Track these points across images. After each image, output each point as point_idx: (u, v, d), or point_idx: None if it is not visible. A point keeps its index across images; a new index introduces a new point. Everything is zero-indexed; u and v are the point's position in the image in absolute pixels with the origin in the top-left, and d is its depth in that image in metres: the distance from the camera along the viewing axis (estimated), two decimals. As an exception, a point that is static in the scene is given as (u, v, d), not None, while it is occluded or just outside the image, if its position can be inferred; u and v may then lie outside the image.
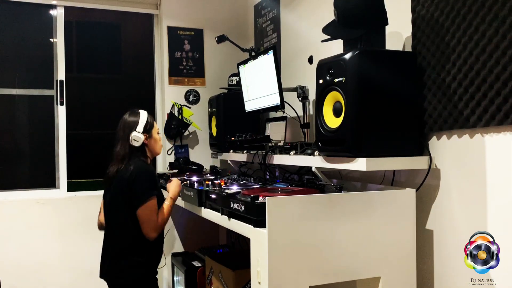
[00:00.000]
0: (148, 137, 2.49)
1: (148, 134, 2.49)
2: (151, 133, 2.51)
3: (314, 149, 2.21)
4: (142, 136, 2.44)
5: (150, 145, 2.51)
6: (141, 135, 2.44)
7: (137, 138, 2.43)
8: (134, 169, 2.36)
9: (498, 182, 1.70)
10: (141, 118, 2.48)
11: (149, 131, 2.49)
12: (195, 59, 3.85)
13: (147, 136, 2.48)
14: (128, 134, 2.44)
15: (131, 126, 2.45)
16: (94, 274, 2.62)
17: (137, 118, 2.47)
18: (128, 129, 2.45)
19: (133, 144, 2.43)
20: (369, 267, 1.85)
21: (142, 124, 2.46)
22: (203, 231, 3.66)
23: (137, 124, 2.45)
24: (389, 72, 1.89)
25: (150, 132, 2.50)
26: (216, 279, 2.66)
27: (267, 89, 2.69)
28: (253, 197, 1.81)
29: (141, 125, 2.45)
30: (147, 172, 2.40)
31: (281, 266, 1.69)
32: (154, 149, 2.55)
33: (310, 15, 2.95)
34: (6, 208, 3.40)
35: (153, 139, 2.53)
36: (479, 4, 1.72)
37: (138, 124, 2.45)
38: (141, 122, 2.46)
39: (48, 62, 3.67)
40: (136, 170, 2.36)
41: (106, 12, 3.87)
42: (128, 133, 2.44)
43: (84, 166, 4.80)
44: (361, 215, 1.84)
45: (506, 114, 1.63)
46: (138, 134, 2.44)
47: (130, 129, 2.45)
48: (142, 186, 2.34)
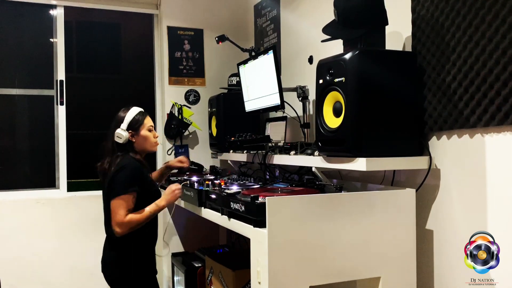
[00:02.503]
0: (134, 134, 2.45)
1: (135, 131, 2.45)
2: (138, 131, 2.46)
3: (314, 149, 2.21)
4: (125, 134, 2.41)
5: (137, 142, 2.47)
6: (125, 132, 2.41)
7: (119, 135, 2.41)
8: (119, 164, 2.35)
9: (498, 182, 1.70)
10: (128, 115, 2.45)
11: (136, 128, 2.45)
12: (195, 59, 3.85)
13: (132, 133, 2.44)
14: (113, 131, 2.43)
15: (117, 123, 2.44)
16: (94, 274, 2.62)
17: (125, 114, 2.45)
18: (115, 125, 2.44)
19: (116, 140, 2.41)
20: (369, 267, 1.85)
21: (127, 122, 2.43)
22: (203, 231, 3.66)
23: (123, 121, 2.43)
24: (389, 72, 1.89)
25: (137, 129, 2.46)
26: (216, 279, 2.66)
27: (267, 89, 2.69)
28: (253, 197, 1.81)
29: (125, 122, 2.43)
30: (130, 168, 2.35)
31: (281, 266, 1.69)
32: (142, 146, 2.49)
33: (310, 15, 2.95)
34: (6, 208, 3.40)
35: (141, 136, 2.47)
36: (479, 4, 1.72)
37: (123, 121, 2.43)
38: (127, 119, 2.43)
39: (48, 62, 3.67)
40: (120, 165, 2.35)
41: (106, 12, 3.87)
42: (113, 129, 2.43)
43: (84, 166, 4.79)
44: (361, 215, 1.84)
45: (506, 114, 1.63)
46: (121, 131, 2.41)
47: (115, 126, 2.44)
48: (121, 180, 2.30)
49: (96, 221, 2.64)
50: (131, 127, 2.44)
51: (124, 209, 2.27)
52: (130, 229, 2.28)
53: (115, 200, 2.28)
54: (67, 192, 3.63)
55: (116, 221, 2.26)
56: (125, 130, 2.42)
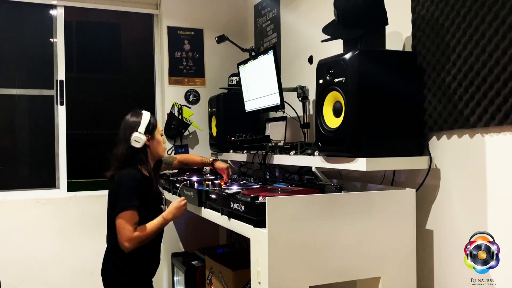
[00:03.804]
0: (150, 138, 2.42)
1: (151, 135, 2.42)
2: (154, 135, 2.44)
3: (314, 149, 2.21)
4: (144, 137, 2.38)
5: (152, 146, 2.44)
6: (143, 136, 2.38)
7: (138, 139, 2.36)
8: (121, 175, 2.31)
9: (498, 182, 1.70)
10: (143, 118, 2.41)
11: (151, 132, 2.42)
12: (195, 59, 3.85)
13: (149, 137, 2.41)
14: (129, 135, 2.37)
15: (133, 127, 2.38)
16: (94, 274, 2.62)
17: (139, 118, 2.41)
18: (129, 130, 2.38)
19: (133, 145, 2.36)
20: (369, 267, 1.85)
21: (144, 125, 2.39)
22: (203, 231, 3.66)
23: (139, 124, 2.38)
24: (389, 72, 1.89)
25: (152, 133, 2.43)
26: (216, 279, 2.66)
27: (267, 89, 2.69)
28: (253, 197, 1.81)
29: (143, 125, 2.38)
30: (131, 181, 2.30)
31: (281, 266, 1.69)
32: (157, 151, 2.47)
33: (310, 15, 2.95)
34: (6, 208, 3.40)
35: (156, 140, 2.46)
36: (479, 4, 1.72)
37: (140, 125, 2.38)
38: (143, 122, 2.39)
39: (48, 62, 3.66)
40: (121, 176, 2.31)
41: (106, 12, 3.87)
42: (129, 134, 2.37)
43: (84, 166, 4.80)
44: (361, 215, 1.84)
45: (506, 114, 1.63)
46: (140, 135, 2.37)
47: (131, 130, 2.38)
48: (123, 194, 2.27)
49: (96, 221, 2.64)
50: (148, 131, 2.40)
51: (130, 225, 2.23)
52: (140, 243, 2.26)
53: (120, 218, 2.24)
54: (67, 192, 3.62)
55: (124, 237, 2.22)
56: (143, 133, 2.38)
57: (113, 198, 2.32)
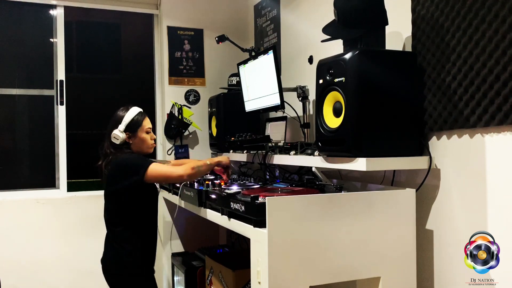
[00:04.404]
0: (131, 136, 2.40)
1: (132, 133, 2.39)
2: (136, 133, 2.41)
3: (314, 149, 2.21)
4: (122, 135, 2.36)
5: (134, 144, 2.41)
6: (122, 134, 2.36)
7: (117, 136, 2.36)
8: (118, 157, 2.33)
9: (498, 182, 1.70)
10: (127, 115, 2.39)
11: (133, 130, 2.39)
12: (195, 59, 3.85)
13: (129, 135, 2.39)
14: (110, 131, 2.38)
15: (114, 124, 2.39)
16: (94, 274, 2.62)
17: (124, 114, 2.40)
18: (111, 126, 2.39)
19: (113, 141, 2.37)
20: (369, 267, 1.85)
21: (125, 123, 2.37)
22: (203, 231, 3.66)
23: (121, 122, 2.37)
24: (389, 72, 1.89)
25: (135, 131, 2.40)
26: (216, 279, 2.66)
27: (267, 89, 2.69)
28: (253, 197, 1.81)
29: (124, 123, 2.37)
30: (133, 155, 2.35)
31: (281, 266, 1.69)
32: (140, 148, 2.44)
33: (310, 15, 2.95)
34: (6, 208, 3.39)
35: (138, 138, 2.42)
36: (479, 4, 1.72)
37: (121, 122, 2.37)
38: (125, 120, 2.37)
39: (48, 62, 3.66)
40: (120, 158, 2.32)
41: (106, 12, 3.86)
42: (110, 130, 2.38)
43: (84, 166, 4.79)
44: (361, 215, 1.84)
45: (506, 114, 1.63)
46: (119, 132, 2.36)
47: (112, 126, 2.38)
48: (134, 164, 2.28)
49: (96, 221, 2.64)
50: (129, 128, 2.39)
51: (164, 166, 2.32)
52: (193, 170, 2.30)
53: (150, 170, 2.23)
54: (67, 192, 3.62)
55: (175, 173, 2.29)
56: (122, 131, 2.37)
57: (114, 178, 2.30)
